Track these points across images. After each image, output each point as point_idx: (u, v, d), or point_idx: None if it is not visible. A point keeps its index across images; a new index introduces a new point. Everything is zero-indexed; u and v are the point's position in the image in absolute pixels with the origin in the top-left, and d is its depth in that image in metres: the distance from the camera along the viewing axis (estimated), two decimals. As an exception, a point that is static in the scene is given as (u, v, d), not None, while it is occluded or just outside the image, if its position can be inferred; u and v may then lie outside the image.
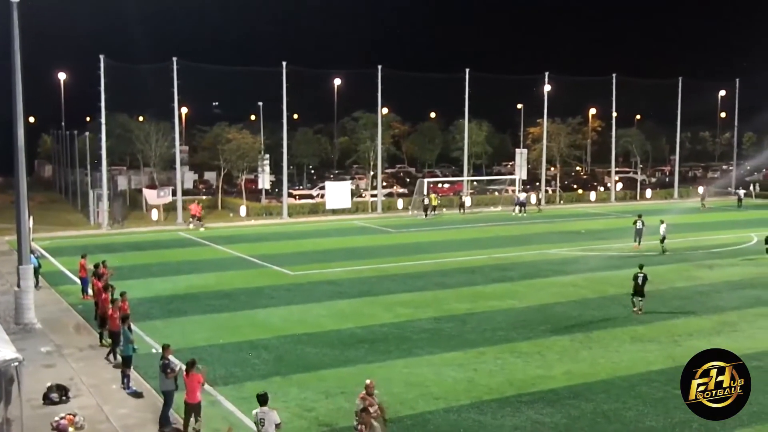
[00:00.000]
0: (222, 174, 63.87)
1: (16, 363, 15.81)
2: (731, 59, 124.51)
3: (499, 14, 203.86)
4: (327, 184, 62.78)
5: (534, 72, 69.92)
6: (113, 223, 52.14)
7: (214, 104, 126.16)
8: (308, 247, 43.25)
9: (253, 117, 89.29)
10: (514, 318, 26.90)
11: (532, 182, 71.75)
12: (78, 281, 31.25)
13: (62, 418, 17.38)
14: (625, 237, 43.40)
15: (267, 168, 61.58)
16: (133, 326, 21.89)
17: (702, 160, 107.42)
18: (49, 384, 19.16)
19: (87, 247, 37.64)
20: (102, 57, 51.43)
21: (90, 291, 28.68)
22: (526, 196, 62.12)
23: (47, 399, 18.73)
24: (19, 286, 26.52)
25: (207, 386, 19.22)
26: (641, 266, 28.33)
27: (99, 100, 51.98)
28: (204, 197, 66.29)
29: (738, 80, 78.58)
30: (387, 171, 77.64)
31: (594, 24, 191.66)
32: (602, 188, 74.78)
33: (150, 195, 57.06)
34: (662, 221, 40.83)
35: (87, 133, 62.06)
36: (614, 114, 72.11)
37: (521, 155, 66.98)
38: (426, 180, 63.97)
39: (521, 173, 65.93)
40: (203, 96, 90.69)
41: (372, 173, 64.79)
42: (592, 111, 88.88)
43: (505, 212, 60.87)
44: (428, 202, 58.51)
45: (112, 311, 22.40)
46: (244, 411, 17.59)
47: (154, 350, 21.92)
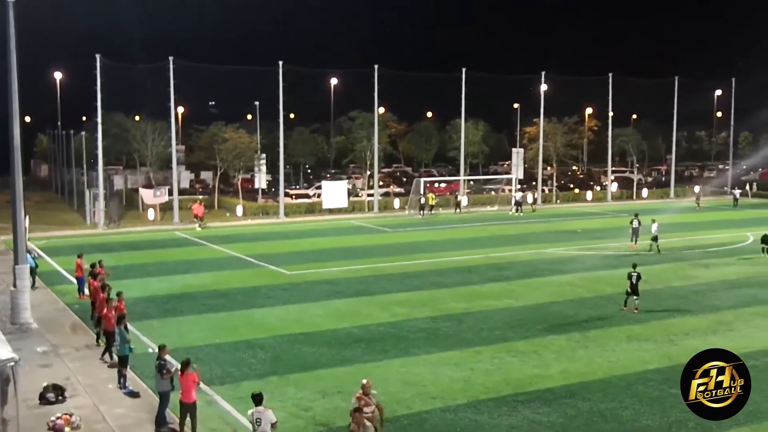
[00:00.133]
0: (218, 173, 63.82)
1: (12, 363, 15.78)
2: (727, 59, 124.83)
3: (498, 14, 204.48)
4: (323, 184, 62.77)
5: (531, 71, 70.05)
6: (109, 223, 52.08)
7: (211, 104, 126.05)
8: (305, 247, 43.24)
9: (250, 116, 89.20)
10: (511, 317, 26.92)
11: (529, 182, 71.84)
12: (74, 281, 31.23)
13: (58, 418, 17.36)
14: (622, 236, 43.44)
15: (263, 167, 61.66)
16: (130, 326, 21.85)
17: (698, 160, 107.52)
18: (46, 384, 19.13)
19: (83, 247, 37.55)
20: (98, 56, 51.39)
21: (86, 291, 28.66)
22: (522, 196, 62.18)
23: (43, 399, 18.70)
24: (16, 286, 26.52)
25: (204, 386, 19.25)
26: (635, 265, 28.38)
27: (95, 100, 51.96)
28: (201, 197, 66.24)
29: (734, 80, 78.73)
30: (383, 170, 77.68)
31: (591, 24, 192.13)
32: (599, 188, 74.85)
33: (146, 194, 57.02)
34: (654, 221, 40.89)
35: (83, 133, 62.13)
36: (611, 113, 72.15)
37: (518, 155, 67.04)
38: (422, 179, 63.99)
39: (518, 173, 65.96)
40: (200, 95, 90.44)
41: (368, 173, 64.77)
42: (589, 110, 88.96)
43: (502, 212, 60.91)
44: (425, 202, 58.52)
45: (107, 310, 22.39)
46: (241, 411, 17.57)
47: (151, 350, 21.91)
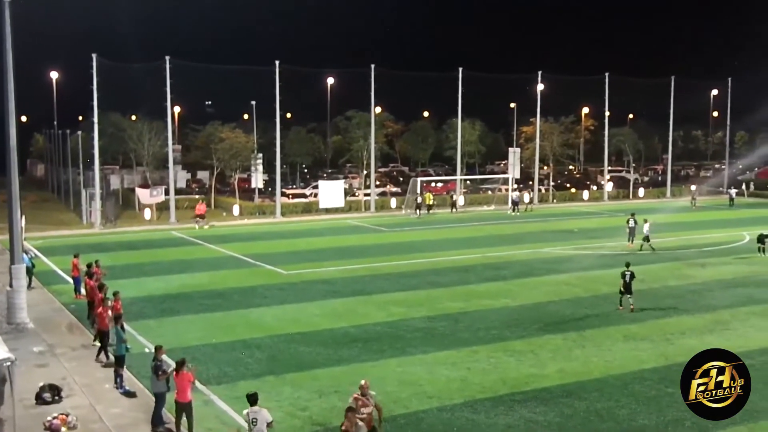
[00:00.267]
0: (215, 173, 63.77)
1: (9, 363, 15.78)
2: (723, 58, 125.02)
3: (496, 14, 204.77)
4: (320, 183, 62.79)
5: (529, 71, 70.05)
6: (106, 223, 52.01)
7: (207, 103, 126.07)
8: (301, 246, 43.23)
9: (246, 116, 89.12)
10: (507, 317, 26.93)
11: (526, 181, 71.88)
12: (70, 281, 31.17)
13: (55, 418, 17.34)
14: (618, 236, 43.50)
15: (260, 167, 61.55)
16: (126, 326, 21.84)
17: (694, 159, 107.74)
18: (42, 384, 19.11)
19: (79, 247, 37.50)
20: (94, 56, 51.34)
21: (83, 290, 28.63)
22: (519, 195, 62.23)
23: (40, 399, 18.68)
24: (12, 286, 26.48)
25: (200, 386, 19.26)
26: (628, 264, 28.45)
27: (91, 99, 51.89)
28: (197, 196, 66.19)
29: (730, 79, 78.81)
30: (380, 170, 77.66)
31: (587, 24, 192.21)
32: (595, 187, 74.94)
33: (143, 194, 56.98)
34: (646, 220, 40.98)
35: (79, 132, 62.02)
36: (607, 113, 72.26)
37: (514, 154, 67.05)
38: (419, 179, 63.99)
39: (514, 172, 66.00)
40: (196, 95, 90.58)
41: (365, 172, 64.79)
42: (585, 110, 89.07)
43: (498, 211, 60.94)
44: (421, 201, 58.53)
45: (102, 310, 22.39)
46: (238, 410, 17.53)
47: (147, 350, 21.89)
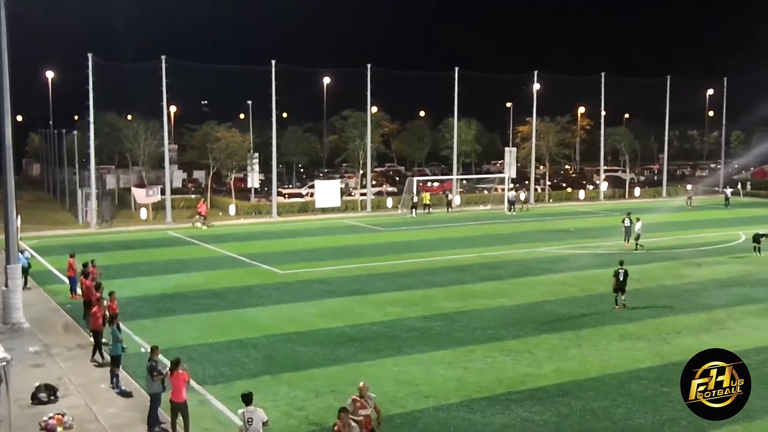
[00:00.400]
0: (211, 173, 63.70)
1: (4, 363, 15.75)
2: (719, 58, 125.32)
3: (494, 14, 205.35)
4: (316, 183, 62.73)
5: (526, 71, 70.07)
6: (102, 222, 51.95)
7: (203, 103, 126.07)
8: (297, 246, 43.21)
9: (242, 115, 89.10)
10: (504, 316, 26.95)
11: (522, 181, 71.92)
12: (66, 280, 31.14)
13: (51, 418, 17.31)
14: (614, 235, 43.56)
15: (256, 167, 61.52)
16: (122, 325, 21.78)
17: (690, 159, 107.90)
18: (38, 384, 19.07)
19: (75, 246, 37.46)
20: (90, 55, 51.25)
21: (78, 290, 28.58)
22: (515, 195, 62.27)
23: (36, 399, 18.64)
24: (7, 286, 26.41)
25: (196, 385, 19.24)
26: (621, 262, 28.48)
27: (87, 99, 51.79)
28: (193, 196, 66.18)
29: (726, 79, 79.00)
30: (376, 169, 77.67)
31: (584, 24, 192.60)
32: (591, 187, 75.02)
33: (139, 194, 56.89)
34: (638, 219, 41.10)
35: (75, 132, 61.92)
36: (603, 112, 72.31)
37: (510, 154, 67.09)
38: (415, 179, 63.99)
39: (510, 172, 66.04)
40: (192, 94, 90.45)
41: (361, 172, 64.77)
42: (581, 109, 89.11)
43: (495, 211, 60.96)
44: (417, 201, 58.53)
45: (97, 309, 22.38)
46: (234, 410, 17.50)
47: (143, 349, 21.86)
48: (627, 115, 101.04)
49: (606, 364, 21.63)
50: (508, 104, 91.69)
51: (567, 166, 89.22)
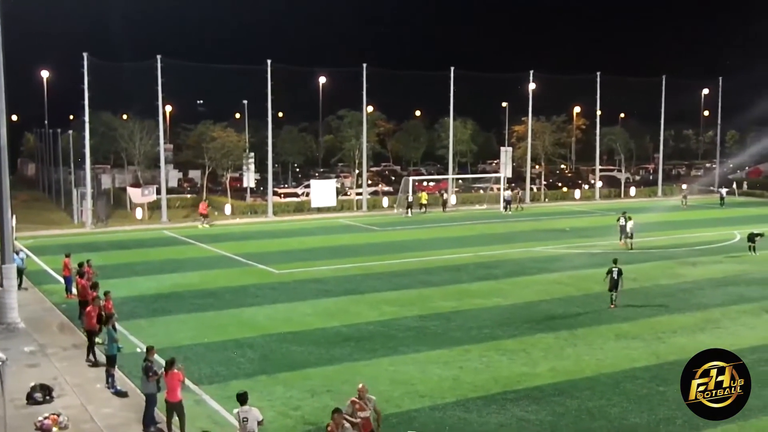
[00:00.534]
0: (207, 172, 63.62)
1: (0, 363, 15.73)
2: (714, 58, 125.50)
3: (493, 14, 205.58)
4: (312, 183, 62.74)
5: (522, 70, 70.07)
6: (97, 222, 51.86)
7: (199, 102, 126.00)
8: (293, 246, 43.19)
9: (238, 115, 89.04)
10: (499, 316, 26.97)
11: (517, 180, 71.96)
12: (62, 280, 31.06)
13: (46, 418, 17.28)
14: (610, 235, 43.60)
15: (252, 166, 61.49)
16: (118, 325, 21.77)
17: (685, 158, 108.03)
18: (33, 384, 19.04)
19: (71, 246, 37.33)
20: (86, 55, 51.20)
21: (74, 290, 28.54)
22: (511, 194, 62.30)
23: (31, 399, 18.60)
24: (2, 286, 26.39)
25: (192, 385, 19.24)
26: (615, 260, 28.55)
27: (83, 98, 51.74)
28: (189, 196, 66.10)
29: (721, 78, 79.08)
30: (372, 169, 77.62)
31: (580, 23, 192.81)
32: (587, 186, 75.10)
33: (134, 193, 56.81)
34: (630, 218, 41.18)
35: (71, 132, 61.76)
36: (598, 112, 72.41)
37: (506, 153, 67.13)
38: (411, 178, 63.98)
39: (506, 171, 66.08)
40: (188, 94, 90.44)
41: (357, 171, 64.76)
42: (577, 109, 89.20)
43: (490, 210, 60.98)
44: (412, 200, 58.52)
45: (91, 309, 22.34)
46: (229, 410, 17.50)
47: (139, 349, 21.84)
48: (623, 115, 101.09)
49: (601, 364, 21.66)
50: (504, 104, 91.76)
51: (563, 166, 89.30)
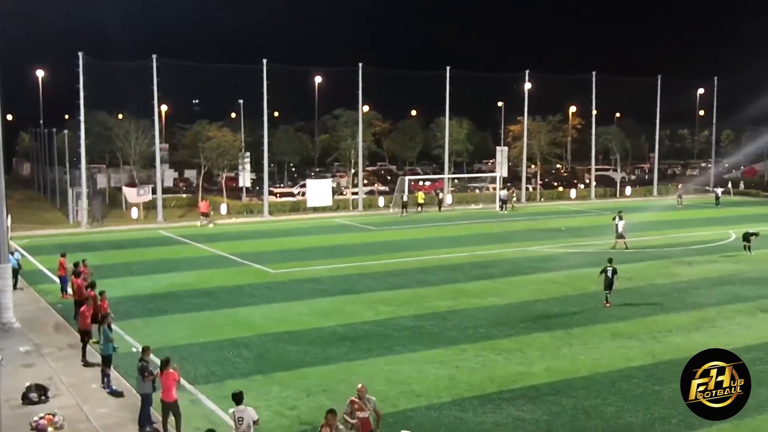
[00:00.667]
0: (202, 172, 63.54)
1: (-5, 363, 15.70)
2: (710, 57, 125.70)
3: (488, 14, 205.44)
4: (308, 182, 62.67)
5: (518, 70, 70.13)
6: (92, 222, 51.80)
7: (195, 102, 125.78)
8: (289, 245, 43.17)
9: (234, 115, 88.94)
10: (495, 315, 26.98)
11: (513, 180, 71.99)
12: (57, 280, 31.03)
13: (41, 418, 17.25)
14: (605, 234, 43.65)
15: (248, 166, 61.39)
16: (113, 325, 21.73)
17: (681, 158, 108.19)
18: (28, 384, 19.01)
19: (66, 246, 37.33)
20: (81, 54, 51.08)
21: (69, 290, 28.49)
22: (507, 194, 62.35)
23: (26, 399, 18.58)
24: (-3, 286, 26.31)
25: (188, 385, 19.22)
26: (610, 260, 28.58)
27: (78, 98, 51.60)
28: (184, 195, 66.02)
29: (716, 78, 79.27)
30: (368, 169, 77.62)
31: (577, 23, 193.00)
32: (582, 186, 75.16)
33: (130, 193, 56.76)
34: (621, 218, 41.25)
35: (66, 131, 61.74)
36: (594, 112, 72.49)
37: (502, 153, 67.16)
38: (407, 178, 63.98)
39: (502, 171, 66.11)
40: (183, 93, 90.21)
41: (353, 171, 64.76)
42: (573, 109, 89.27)
43: (486, 210, 61.03)
44: (407, 200, 58.53)
45: (86, 308, 22.31)
46: (225, 409, 17.49)
47: (135, 349, 21.80)
48: (618, 114, 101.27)
49: (597, 363, 21.69)
50: (500, 103, 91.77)
51: (558, 165, 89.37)
